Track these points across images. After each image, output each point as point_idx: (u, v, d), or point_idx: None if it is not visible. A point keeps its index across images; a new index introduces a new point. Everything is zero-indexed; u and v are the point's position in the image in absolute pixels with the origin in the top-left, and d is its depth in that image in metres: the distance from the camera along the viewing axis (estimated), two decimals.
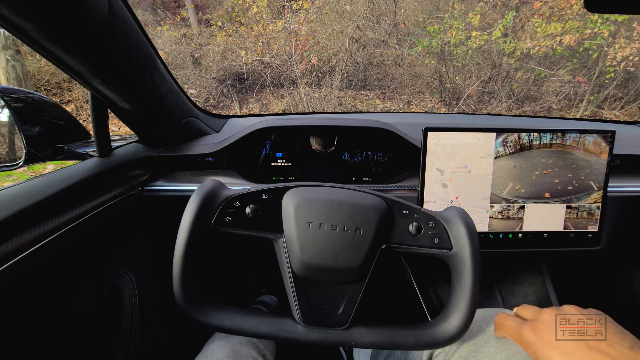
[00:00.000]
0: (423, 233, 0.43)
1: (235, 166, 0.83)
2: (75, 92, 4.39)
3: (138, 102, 0.67)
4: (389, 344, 0.42)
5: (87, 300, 0.64)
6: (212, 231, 0.42)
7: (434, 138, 0.69)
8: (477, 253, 0.41)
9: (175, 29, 5.11)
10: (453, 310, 0.42)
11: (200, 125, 0.90)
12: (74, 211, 0.55)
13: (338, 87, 4.36)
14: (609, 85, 3.76)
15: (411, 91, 4.65)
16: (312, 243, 0.41)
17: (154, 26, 5.08)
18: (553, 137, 0.69)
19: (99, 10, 0.47)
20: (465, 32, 3.92)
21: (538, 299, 0.94)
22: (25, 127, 0.66)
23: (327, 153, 0.83)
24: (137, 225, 0.79)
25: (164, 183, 0.78)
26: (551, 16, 3.73)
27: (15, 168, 0.67)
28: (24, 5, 0.40)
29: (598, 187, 0.70)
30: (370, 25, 4.41)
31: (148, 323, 0.80)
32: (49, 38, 0.46)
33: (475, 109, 4.17)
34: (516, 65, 3.98)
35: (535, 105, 4.16)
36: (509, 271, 1.00)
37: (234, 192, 0.44)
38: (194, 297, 0.42)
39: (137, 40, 0.59)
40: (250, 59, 4.34)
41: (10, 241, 0.44)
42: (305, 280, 0.43)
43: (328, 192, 0.43)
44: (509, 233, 0.72)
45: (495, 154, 0.69)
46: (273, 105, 4.49)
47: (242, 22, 4.68)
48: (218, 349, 0.53)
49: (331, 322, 0.42)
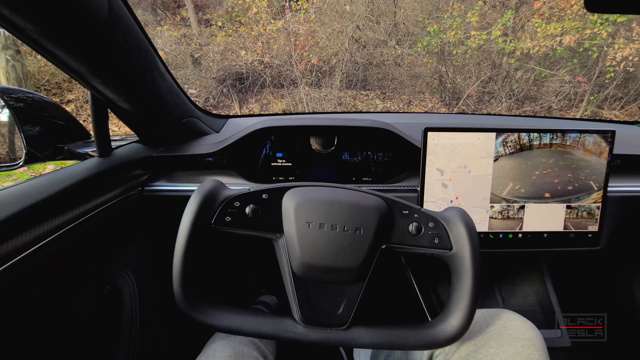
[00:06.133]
0: (423, 233, 0.43)
1: (235, 166, 0.83)
2: (75, 92, 4.39)
3: (138, 102, 0.67)
4: (388, 344, 0.42)
5: (87, 300, 0.64)
6: (212, 231, 0.42)
7: (434, 138, 0.69)
8: (477, 253, 0.41)
9: (175, 29, 5.11)
10: (453, 310, 0.42)
11: (200, 125, 0.90)
12: (74, 211, 0.55)
13: (338, 87, 4.36)
14: (608, 85, 3.76)
15: (411, 91, 4.65)
16: (312, 243, 0.41)
17: (154, 26, 5.08)
18: (553, 137, 0.69)
19: (99, 10, 0.47)
20: (465, 32, 3.92)
21: (538, 299, 0.94)
22: (25, 127, 0.66)
23: (327, 153, 0.83)
24: (137, 225, 0.79)
25: (164, 183, 0.78)
26: (551, 16, 3.73)
27: (15, 168, 0.67)
28: (24, 5, 0.40)
29: (598, 187, 0.70)
30: (370, 25, 4.41)
31: (148, 323, 0.80)
32: (49, 38, 0.46)
33: (475, 109, 4.17)
34: (516, 65, 3.98)
35: (535, 105, 4.16)
36: (509, 271, 1.00)
37: (234, 192, 0.44)
38: (194, 297, 0.42)
39: (137, 40, 0.59)
40: (250, 59, 4.33)
41: (10, 241, 0.44)
42: (305, 280, 0.43)
43: (328, 192, 0.43)
44: (509, 233, 0.72)
45: (495, 154, 0.69)
46: (273, 105, 4.49)
47: (242, 22, 4.68)
48: (219, 349, 0.53)
49: (331, 322, 0.42)
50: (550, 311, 0.90)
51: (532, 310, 0.93)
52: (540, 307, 0.93)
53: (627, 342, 0.91)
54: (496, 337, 0.45)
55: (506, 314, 0.49)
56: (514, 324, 0.46)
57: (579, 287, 1.02)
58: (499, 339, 0.44)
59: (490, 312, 0.50)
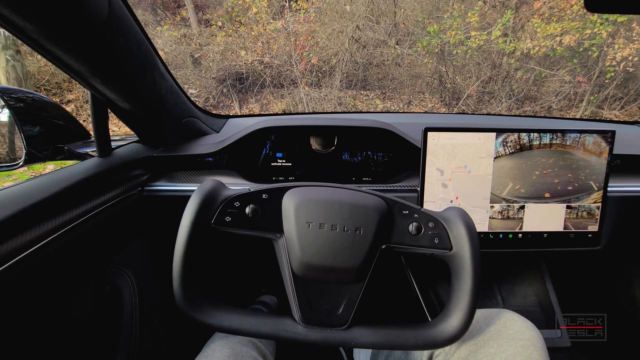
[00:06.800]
0: (423, 233, 0.43)
1: (235, 166, 0.83)
2: (75, 92, 4.39)
3: (138, 102, 0.67)
4: (388, 344, 0.42)
5: (87, 300, 0.64)
6: (212, 231, 0.42)
7: (434, 138, 0.69)
8: (477, 253, 0.41)
9: (175, 29, 5.11)
10: (453, 310, 0.42)
11: (200, 125, 0.90)
12: (74, 211, 0.55)
13: (338, 87, 4.36)
14: (608, 85, 3.76)
15: (411, 91, 4.65)
16: (312, 243, 0.41)
17: (154, 26, 5.08)
18: (553, 137, 0.69)
19: (99, 10, 0.47)
20: (465, 32, 3.92)
21: (538, 299, 0.94)
22: (25, 127, 0.66)
23: (327, 153, 0.83)
24: (137, 225, 0.79)
25: (164, 183, 0.78)
26: (551, 16, 3.73)
27: (15, 168, 0.67)
28: (24, 5, 0.40)
29: (598, 187, 0.70)
30: (370, 25, 4.41)
31: (148, 323, 0.80)
32: (49, 38, 0.46)
33: (475, 109, 4.17)
34: (516, 65, 3.98)
35: (535, 105, 4.16)
36: (509, 271, 1.00)
37: (234, 192, 0.44)
38: (194, 297, 0.42)
39: (137, 40, 0.59)
40: (250, 59, 4.33)
41: (10, 241, 0.44)
42: (305, 280, 0.43)
43: (328, 192, 0.43)
44: (509, 233, 0.72)
45: (495, 154, 0.69)
46: (273, 105, 4.49)
47: (242, 22, 4.68)
48: (218, 349, 0.53)
49: (331, 322, 0.42)
50: (550, 311, 0.90)
51: (532, 310, 0.93)
52: (540, 307, 0.93)
53: (627, 342, 0.91)
54: (496, 337, 0.45)
55: (506, 313, 0.49)
56: (514, 324, 0.46)
57: (579, 287, 1.02)
58: (498, 339, 0.44)
59: (490, 312, 0.50)
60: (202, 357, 0.53)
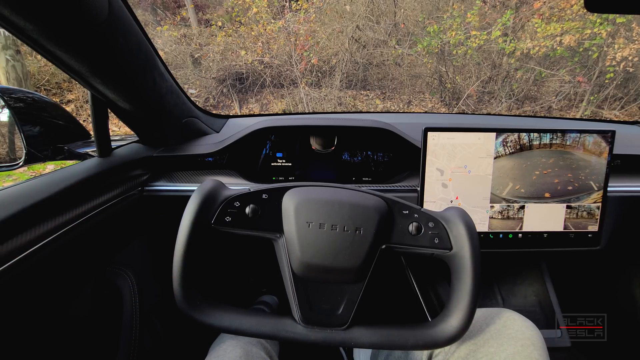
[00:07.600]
0: (423, 233, 0.43)
1: (235, 166, 0.83)
2: (75, 92, 4.39)
3: (138, 102, 0.67)
4: (388, 344, 0.42)
5: (87, 300, 0.64)
6: (212, 231, 0.42)
7: (434, 138, 0.69)
8: (477, 253, 0.41)
9: (175, 29, 5.11)
10: (453, 310, 0.42)
11: (200, 125, 0.90)
12: (74, 211, 0.55)
13: (338, 87, 4.36)
14: (608, 85, 3.76)
15: (411, 91, 4.65)
16: (312, 243, 0.41)
17: (154, 26, 5.08)
18: (553, 137, 0.69)
19: (99, 10, 0.47)
20: (465, 32, 3.92)
21: (538, 298, 0.94)
22: (25, 127, 0.66)
23: (327, 153, 0.83)
24: (137, 225, 0.79)
25: (164, 183, 0.78)
26: (551, 16, 3.73)
27: (15, 168, 0.67)
28: (24, 5, 0.40)
29: (598, 187, 0.70)
30: (370, 25, 4.41)
31: (148, 323, 0.80)
32: (49, 38, 0.46)
33: (475, 109, 4.17)
34: (516, 65, 3.98)
35: (535, 105, 4.16)
36: (509, 271, 1.00)
37: (234, 192, 0.44)
38: (194, 297, 0.42)
39: (137, 40, 0.59)
40: (250, 59, 4.33)
41: (10, 241, 0.44)
42: (305, 280, 0.43)
43: (328, 192, 0.43)
44: (509, 233, 0.72)
45: (495, 154, 0.69)
46: (273, 105, 4.49)
47: (242, 22, 4.68)
48: (230, 349, 0.53)
49: (331, 322, 0.42)
50: (550, 311, 0.90)
51: (532, 310, 0.93)
52: (540, 307, 0.93)
53: (627, 342, 0.91)
54: (496, 336, 0.45)
55: (506, 313, 0.49)
56: (514, 323, 0.46)
57: (579, 287, 1.02)
58: (498, 339, 0.44)
59: (490, 312, 0.50)
60: (214, 357, 0.53)
